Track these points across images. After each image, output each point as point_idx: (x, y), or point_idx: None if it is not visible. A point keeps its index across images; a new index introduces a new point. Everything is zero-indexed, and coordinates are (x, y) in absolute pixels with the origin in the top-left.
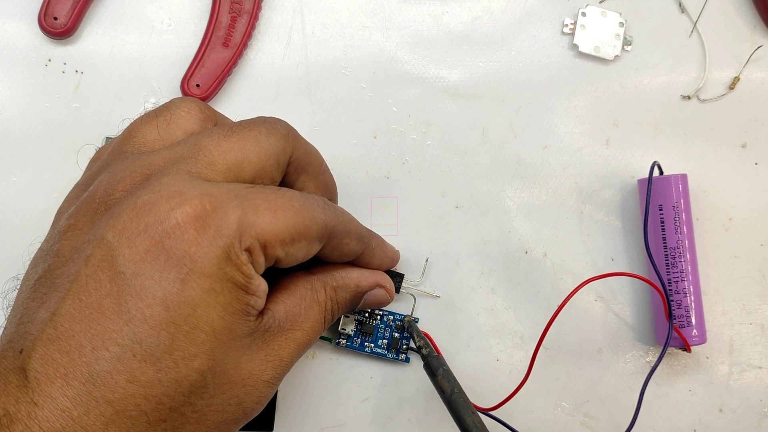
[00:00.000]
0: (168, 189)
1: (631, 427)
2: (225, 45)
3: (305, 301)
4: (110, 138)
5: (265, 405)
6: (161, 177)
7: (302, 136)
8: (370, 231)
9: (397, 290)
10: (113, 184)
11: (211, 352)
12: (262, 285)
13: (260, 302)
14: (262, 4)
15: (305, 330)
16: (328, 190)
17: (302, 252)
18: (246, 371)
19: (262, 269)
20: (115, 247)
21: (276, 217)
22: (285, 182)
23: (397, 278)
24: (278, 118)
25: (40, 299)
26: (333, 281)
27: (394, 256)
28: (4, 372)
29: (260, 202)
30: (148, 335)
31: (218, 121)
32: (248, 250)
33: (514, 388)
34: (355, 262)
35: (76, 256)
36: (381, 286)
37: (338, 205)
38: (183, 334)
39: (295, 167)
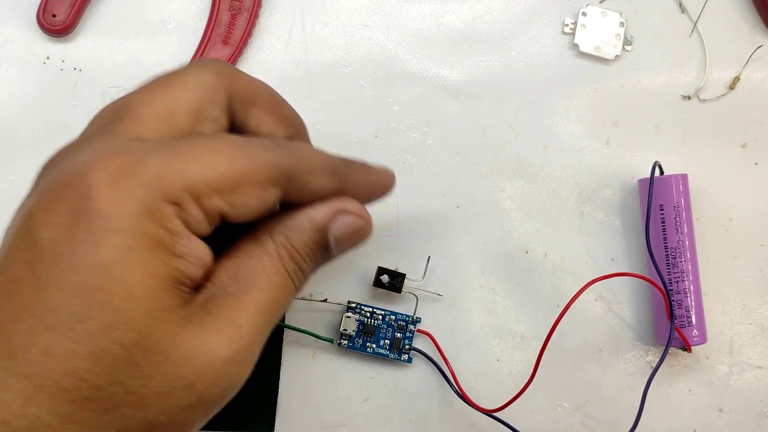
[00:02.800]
0: (89, 154)
1: (635, 428)
2: (225, 43)
3: (251, 257)
4: None
5: (234, 388)
6: (85, 143)
7: (244, 72)
8: (347, 160)
9: (399, 290)
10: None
11: (133, 322)
12: (195, 248)
13: (193, 269)
14: (263, 2)
15: (262, 288)
16: (291, 123)
17: (253, 200)
18: (191, 348)
19: (202, 226)
20: (34, 215)
21: (204, 162)
22: (237, 124)
23: (398, 278)
24: (212, 58)
25: None
26: (279, 225)
27: (386, 179)
28: None
29: (186, 149)
30: (58, 303)
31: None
32: (177, 204)
33: (515, 387)
34: None
35: (7, 232)
36: (344, 212)
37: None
38: (96, 300)
39: (241, 104)
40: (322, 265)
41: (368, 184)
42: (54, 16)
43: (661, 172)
